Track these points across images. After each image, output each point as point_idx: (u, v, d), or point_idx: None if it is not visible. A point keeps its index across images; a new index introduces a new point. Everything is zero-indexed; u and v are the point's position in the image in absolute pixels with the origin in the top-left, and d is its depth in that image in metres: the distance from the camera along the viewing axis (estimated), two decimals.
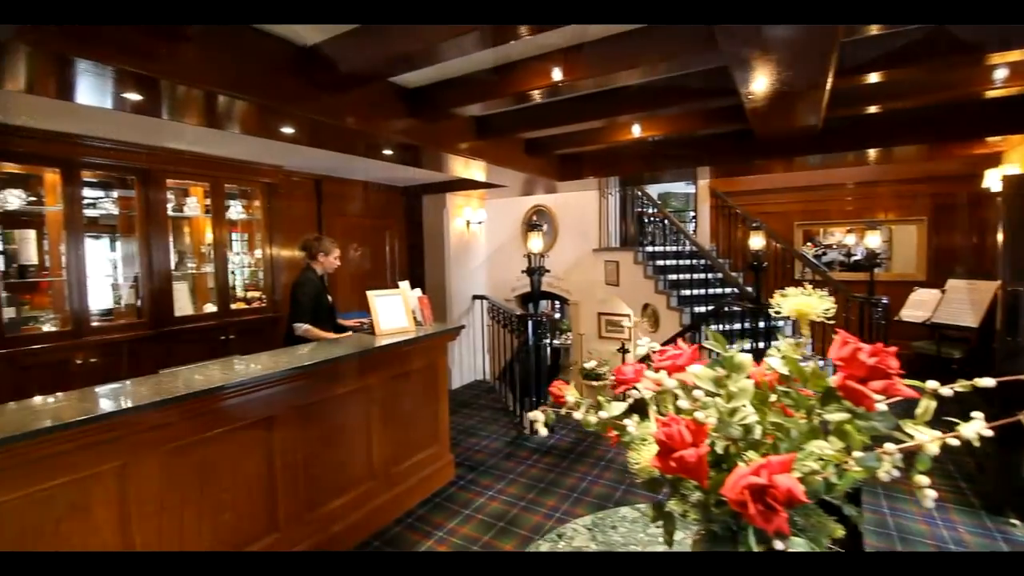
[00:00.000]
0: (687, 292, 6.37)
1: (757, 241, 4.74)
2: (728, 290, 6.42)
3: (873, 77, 2.73)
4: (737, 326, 5.26)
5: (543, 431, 0.89)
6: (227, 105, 2.43)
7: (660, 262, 6.98)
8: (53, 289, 3.54)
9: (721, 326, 5.68)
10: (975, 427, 0.66)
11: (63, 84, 2.26)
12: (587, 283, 8.50)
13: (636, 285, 7.21)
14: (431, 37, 2.09)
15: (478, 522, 3.10)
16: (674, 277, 6.68)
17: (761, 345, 4.88)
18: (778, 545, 0.73)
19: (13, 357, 3.16)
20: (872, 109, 3.53)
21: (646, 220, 8.54)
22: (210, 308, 4.38)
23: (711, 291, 6.34)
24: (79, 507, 1.79)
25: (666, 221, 7.42)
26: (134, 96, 2.19)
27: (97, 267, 3.81)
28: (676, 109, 3.68)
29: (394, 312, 3.47)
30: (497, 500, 3.37)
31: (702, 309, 6.12)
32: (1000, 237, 3.39)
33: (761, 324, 4.89)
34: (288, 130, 2.88)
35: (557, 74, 2.67)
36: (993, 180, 4.76)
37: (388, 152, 3.64)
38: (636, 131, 4.07)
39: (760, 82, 2.34)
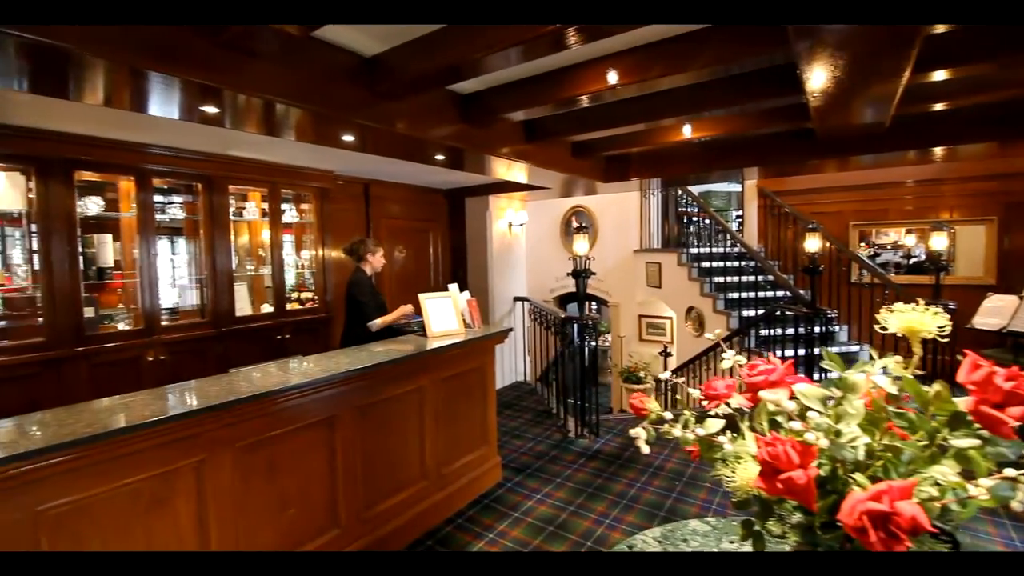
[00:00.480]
0: (734, 295, 6.20)
1: (813, 243, 4.57)
2: (779, 293, 6.22)
3: (940, 74, 2.61)
4: (790, 331, 5.08)
5: (645, 448, 0.89)
6: (292, 114, 2.52)
7: (706, 264, 6.83)
8: (126, 290, 3.75)
9: (771, 330, 5.51)
10: None
11: (137, 96, 2.40)
12: (627, 285, 8.40)
13: (680, 287, 7.07)
14: (493, 44, 2.11)
15: (528, 525, 3.11)
16: (721, 279, 6.52)
17: (816, 351, 4.70)
18: None
19: (91, 354, 3.37)
20: (939, 106, 3.36)
21: (688, 220, 8.38)
22: (267, 308, 4.56)
23: (761, 294, 6.14)
24: (162, 500, 1.89)
25: (712, 222, 7.25)
26: (209, 108, 2.30)
27: (165, 269, 4.03)
28: (729, 110, 3.60)
29: (445, 314, 3.52)
30: (545, 504, 3.37)
31: (751, 313, 5.95)
32: None
33: (816, 329, 4.70)
34: (348, 137, 2.97)
35: (613, 77, 2.65)
36: None
37: (440, 157, 3.69)
38: (687, 132, 4.00)
39: (830, 80, 2.26)
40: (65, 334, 3.25)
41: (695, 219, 8.39)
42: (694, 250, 7.20)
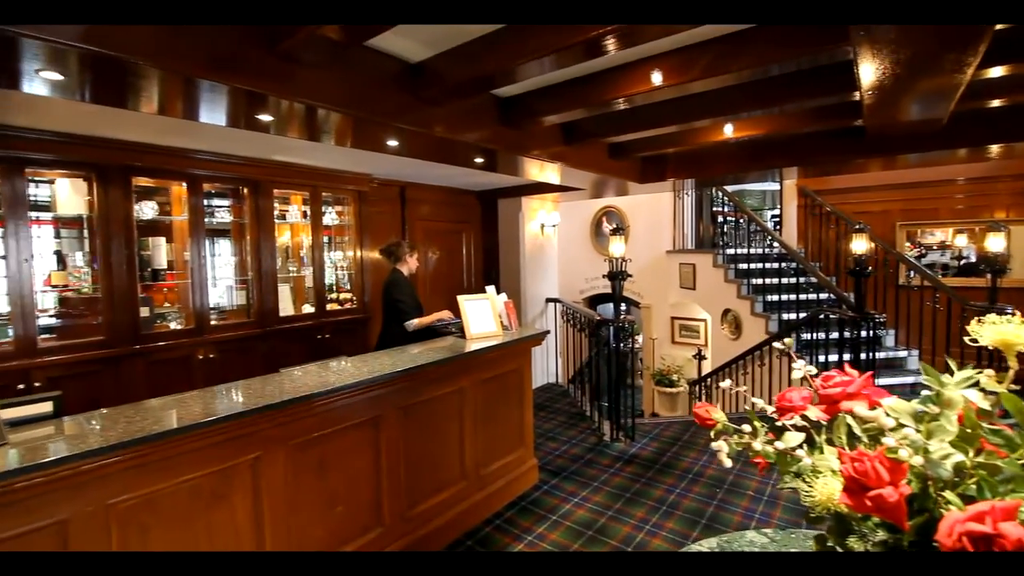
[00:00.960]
0: (774, 297, 6.04)
1: (860, 244, 4.41)
2: (822, 296, 6.03)
3: (998, 70, 2.49)
4: (834, 335, 4.92)
5: (727, 462, 0.87)
6: (339, 121, 2.57)
7: (743, 265, 6.67)
8: (178, 291, 3.91)
9: (813, 334, 5.34)
10: None
11: (192, 105, 2.48)
12: (659, 286, 8.28)
13: (715, 289, 6.94)
14: (539, 49, 2.11)
15: (566, 529, 3.10)
16: (759, 281, 6.36)
17: (863, 356, 4.54)
18: None
19: (146, 352, 3.52)
20: (996, 102, 3.21)
21: (723, 220, 8.21)
22: (307, 309, 4.67)
23: (802, 297, 5.96)
24: (221, 495, 1.96)
25: (748, 222, 7.08)
26: (263, 116, 2.37)
27: (213, 270, 4.17)
28: (769, 110, 3.52)
29: (483, 316, 3.54)
30: (583, 508, 3.36)
31: (790, 316, 5.79)
32: None
33: (863, 334, 4.54)
34: (392, 142, 3.02)
35: (660, 77, 2.62)
36: None
37: (479, 160, 3.72)
38: (728, 131, 3.92)
39: (888, 76, 2.18)
40: (123, 333, 3.40)
41: (729, 219, 8.21)
42: (730, 251, 7.04)
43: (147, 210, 3.64)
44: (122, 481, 1.70)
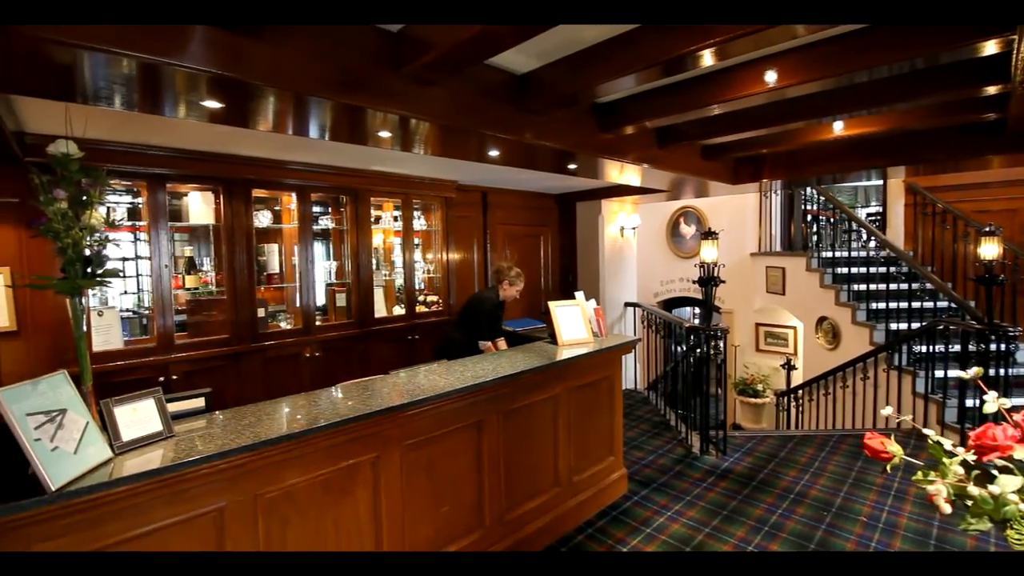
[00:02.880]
0: (878, 305, 5.57)
1: (990, 248, 3.98)
2: (939, 304, 5.49)
3: None
4: (955, 348, 4.47)
5: (947, 509, 0.82)
6: (443, 133, 2.67)
7: (841, 269, 6.20)
8: (288, 293, 4.21)
9: (929, 347, 4.88)
10: None
11: (307, 123, 2.65)
12: (743, 290, 7.88)
13: (808, 295, 6.51)
14: (651, 58, 2.08)
15: (662, 543, 3.03)
16: (860, 287, 5.89)
17: (991, 372, 4.09)
18: None
19: (262, 350, 3.83)
20: None
21: (815, 220, 7.67)
22: (397, 311, 4.88)
23: (913, 305, 5.45)
24: (347, 490, 2.09)
25: (844, 220, 6.57)
26: (383, 133, 2.50)
27: (317, 274, 4.46)
28: (878, 109, 3.26)
29: (574, 323, 3.54)
30: (677, 522, 3.27)
31: (900, 326, 5.32)
32: None
33: (992, 347, 4.09)
34: (493, 152, 3.10)
35: (772, 76, 2.50)
36: None
37: (572, 166, 3.72)
38: (837, 128, 3.67)
39: None
40: (243, 332, 3.72)
41: (820, 219, 7.67)
42: (827, 253, 6.57)
43: (263, 219, 3.96)
44: (268, 474, 1.86)
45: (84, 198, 1.67)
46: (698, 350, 4.49)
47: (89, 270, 1.69)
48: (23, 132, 2.97)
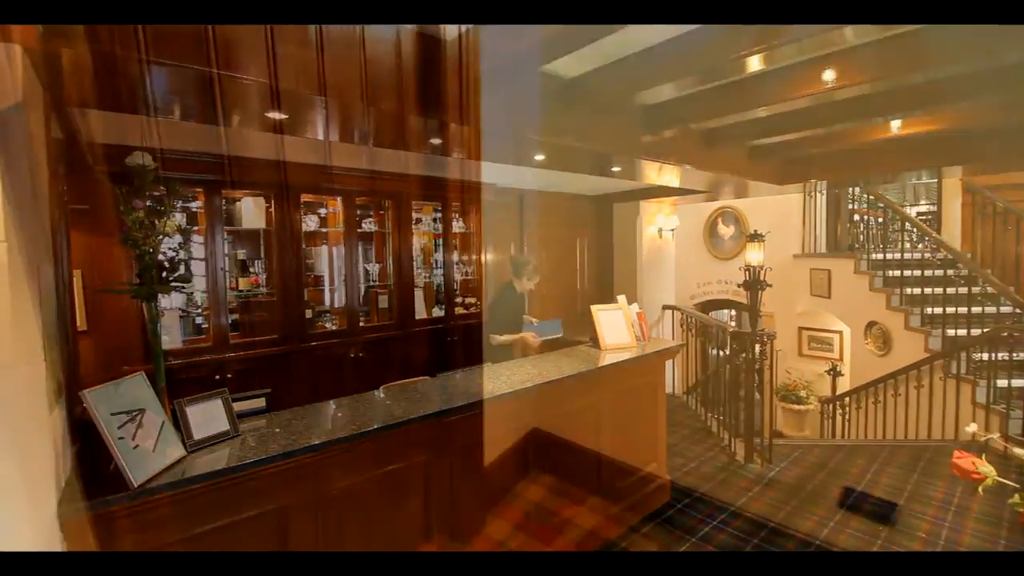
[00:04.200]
0: (935, 310, 5.32)
1: None
2: (1003, 310, 5.20)
3: None
4: (1021, 356, 4.23)
5: None
6: (498, 140, 2.69)
7: (893, 272, 5.94)
8: (333, 295, 4.32)
9: (992, 354, 4.63)
10: None
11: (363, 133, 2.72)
12: (784, 293, 7.64)
13: (856, 298, 6.27)
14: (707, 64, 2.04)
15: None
16: (915, 291, 5.63)
17: None
18: None
19: (310, 350, 3.93)
20: None
21: (862, 220, 7.37)
22: (436, 312, 4.94)
23: (973, 310, 5.17)
24: (399, 492, 2.12)
25: (902, 223, 6.29)
26: (434, 140, 2.54)
27: (360, 276, 4.56)
28: (934, 108, 3.11)
29: (617, 327, 3.50)
30: (725, 532, 3.20)
31: (956, 332, 5.06)
32: None
33: None
34: (539, 156, 3.10)
35: (829, 75, 2.42)
36: None
37: (616, 168, 3.69)
38: (895, 127, 3.53)
39: None
40: (292, 332, 3.83)
41: (866, 218, 7.36)
42: (877, 255, 6.30)
43: (310, 222, 4.07)
44: (328, 473, 1.91)
45: (159, 207, 1.75)
46: (742, 355, 4.38)
47: (164, 275, 1.77)
48: (91, 143, 3.13)
